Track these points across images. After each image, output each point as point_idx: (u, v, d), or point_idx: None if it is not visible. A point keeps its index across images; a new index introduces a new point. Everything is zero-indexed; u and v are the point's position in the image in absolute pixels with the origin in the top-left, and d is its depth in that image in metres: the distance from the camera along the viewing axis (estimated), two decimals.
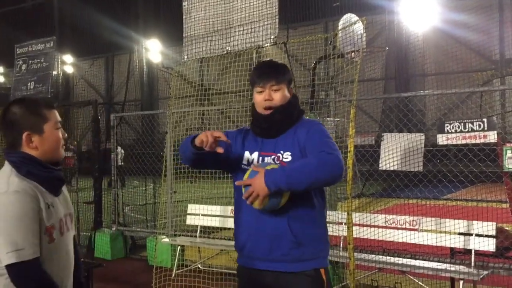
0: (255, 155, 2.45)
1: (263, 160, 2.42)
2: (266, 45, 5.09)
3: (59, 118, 2.20)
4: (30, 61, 8.24)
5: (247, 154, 2.47)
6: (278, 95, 2.44)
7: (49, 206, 2.06)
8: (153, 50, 22.52)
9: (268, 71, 2.47)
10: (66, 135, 2.26)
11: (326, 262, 2.42)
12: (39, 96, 7.88)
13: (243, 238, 2.43)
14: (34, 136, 2.10)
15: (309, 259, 2.34)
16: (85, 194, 9.16)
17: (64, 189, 2.28)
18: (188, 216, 6.73)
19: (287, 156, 2.36)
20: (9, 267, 1.94)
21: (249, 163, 2.44)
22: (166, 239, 6.54)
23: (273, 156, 2.40)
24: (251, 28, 5.17)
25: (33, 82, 8.05)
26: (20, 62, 8.38)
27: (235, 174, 2.52)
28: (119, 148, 8.48)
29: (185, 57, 5.69)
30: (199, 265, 6.36)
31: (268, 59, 2.95)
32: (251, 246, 2.39)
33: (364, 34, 5.24)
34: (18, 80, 8.39)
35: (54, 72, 8.44)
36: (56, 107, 2.37)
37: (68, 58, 25.51)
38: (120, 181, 11.03)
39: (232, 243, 6.56)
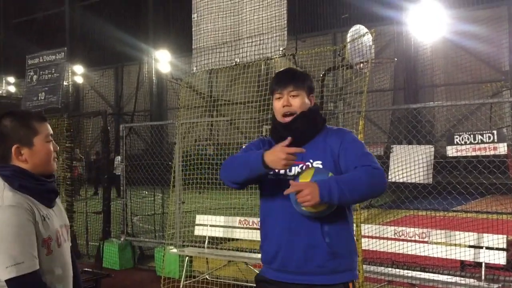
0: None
1: (290, 170, 2.32)
2: (275, 57, 5.11)
3: (50, 131, 2.18)
4: (41, 72, 8.33)
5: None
6: (297, 101, 2.38)
7: (44, 218, 2.05)
8: (162, 60, 22.68)
9: (286, 77, 2.44)
10: (58, 147, 2.24)
11: (357, 273, 2.43)
12: (49, 107, 7.96)
13: (273, 250, 2.34)
14: (24, 149, 2.09)
15: (344, 271, 2.31)
16: (93, 204, 9.19)
17: (58, 201, 2.28)
18: (196, 227, 6.73)
19: (317, 165, 2.30)
20: (9, 281, 1.93)
21: (276, 173, 2.34)
22: (174, 250, 6.53)
23: (301, 165, 2.32)
24: (260, 40, 5.20)
25: (44, 93, 8.12)
26: (31, 73, 8.47)
27: (262, 185, 2.46)
28: (118, 159, 8.51)
29: (194, 68, 5.73)
30: (207, 276, 6.34)
31: (287, 67, 2.92)
32: (283, 258, 2.31)
33: (373, 46, 5.25)
34: (29, 91, 8.47)
35: (65, 83, 8.52)
36: (64, 117, 2.39)
37: (79, 68, 25.78)
38: (117, 191, 11.07)
39: (240, 254, 6.56)
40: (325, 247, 2.25)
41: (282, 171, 2.33)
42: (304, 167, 2.32)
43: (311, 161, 2.32)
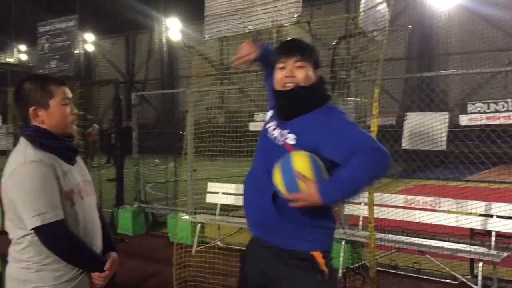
0: (272, 124, 2.31)
1: (273, 130, 2.27)
2: (289, 24, 5.04)
3: (68, 95, 2.27)
4: (52, 40, 8.33)
5: (269, 112, 2.41)
6: (301, 73, 2.21)
7: (65, 173, 2.17)
8: (173, 28, 22.51)
9: (293, 46, 2.29)
10: (77, 111, 2.33)
11: (322, 245, 2.21)
12: (61, 74, 7.99)
13: (244, 205, 2.39)
14: (41, 111, 2.20)
15: (295, 238, 2.17)
16: (106, 172, 9.31)
17: (80, 160, 2.38)
18: (208, 194, 6.80)
19: (292, 140, 2.17)
20: (36, 230, 2.06)
21: (264, 128, 2.35)
22: (187, 217, 6.64)
23: (281, 131, 2.23)
24: (274, 6, 5.12)
25: (55, 61, 8.14)
26: (43, 41, 8.47)
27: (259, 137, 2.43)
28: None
29: (207, 36, 5.68)
30: (218, 242, 6.45)
31: (294, 37, 2.83)
32: (247, 213, 2.38)
33: (388, 13, 5.15)
34: (41, 59, 8.50)
35: (76, 51, 8.52)
36: (76, 85, 2.47)
37: (89, 36, 25.70)
38: (112, 159, 11.09)
39: None
40: (272, 208, 2.16)
41: (270, 131, 2.30)
42: (279, 134, 2.23)
43: (287, 131, 2.20)
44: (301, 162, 2.06)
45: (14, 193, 2.08)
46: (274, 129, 2.28)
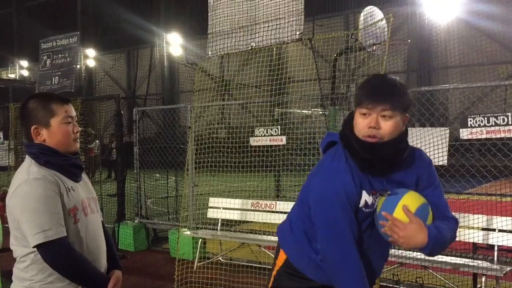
0: (367, 194, 2.01)
1: (374, 199, 2.02)
2: (291, 41, 5.09)
3: (71, 113, 2.26)
4: (54, 56, 8.39)
5: (364, 195, 2.01)
6: (388, 125, 1.93)
7: (69, 190, 2.17)
8: (174, 43, 22.64)
9: (382, 92, 1.94)
10: (79, 129, 2.33)
11: None
12: (63, 91, 8.03)
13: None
14: (42, 130, 2.21)
15: None
16: (107, 187, 9.31)
17: (85, 176, 2.39)
18: (209, 209, 6.80)
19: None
20: (38, 247, 2.06)
21: (368, 205, 2.02)
22: (188, 232, 6.62)
23: (378, 197, 2.05)
24: (277, 24, 5.16)
25: (57, 77, 8.19)
26: (45, 57, 8.53)
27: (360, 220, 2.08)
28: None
29: (210, 52, 5.72)
30: (220, 258, 6.42)
31: (383, 73, 2.53)
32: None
33: (388, 29, 5.21)
34: (43, 75, 8.55)
35: (78, 67, 8.58)
36: (77, 101, 2.48)
37: (91, 52, 25.85)
38: (114, 174, 11.03)
39: (253, 236, 6.61)
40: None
41: (370, 202, 2.04)
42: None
43: (394, 190, 2.04)
44: (412, 199, 2.00)
45: (18, 211, 2.08)
46: (374, 200, 2.04)
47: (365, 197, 2.00)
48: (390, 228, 1.95)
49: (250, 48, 5.33)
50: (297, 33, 4.99)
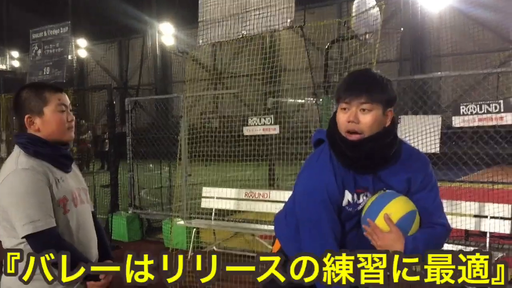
0: (351, 194, 2.01)
1: (358, 198, 2.01)
2: (282, 29, 5.07)
3: (64, 102, 2.24)
4: (45, 46, 8.31)
5: (347, 194, 2.01)
6: (367, 118, 1.90)
7: (58, 180, 2.16)
8: (166, 33, 22.49)
9: (360, 85, 1.92)
10: (74, 118, 2.31)
11: None
12: (54, 81, 7.97)
13: None
14: (36, 119, 2.19)
15: None
16: (101, 178, 9.28)
17: (75, 167, 2.37)
18: (203, 199, 6.80)
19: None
20: (27, 238, 2.05)
21: (349, 204, 2.02)
22: (182, 222, 6.62)
23: (368, 197, 2.04)
24: (268, 12, 5.14)
25: (48, 67, 8.12)
26: (36, 47, 8.45)
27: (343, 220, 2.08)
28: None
29: (200, 41, 5.69)
30: (214, 247, 6.44)
31: (364, 68, 2.48)
32: None
33: (380, 17, 5.19)
34: (34, 65, 8.47)
35: (69, 57, 8.51)
36: (69, 91, 2.46)
37: (82, 42, 25.63)
38: (106, 165, 10.94)
39: (247, 225, 6.63)
40: None
41: (351, 200, 2.03)
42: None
43: (384, 189, 2.02)
44: (397, 207, 1.98)
45: (6, 201, 2.07)
46: (358, 198, 2.03)
47: (348, 196, 2.00)
48: (370, 234, 1.98)
49: (241, 36, 5.31)
50: (288, 20, 4.97)
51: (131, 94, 21.56)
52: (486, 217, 4.82)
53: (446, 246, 4.92)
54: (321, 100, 5.89)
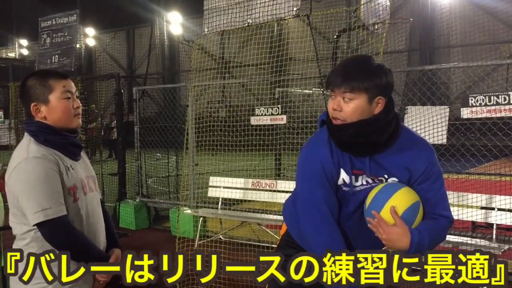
0: (347, 174, 2.04)
1: (356, 179, 2.04)
2: (288, 17, 5.04)
3: (70, 88, 2.24)
4: (54, 35, 8.33)
5: (343, 173, 2.04)
6: (350, 107, 1.93)
7: (68, 169, 2.17)
8: (174, 22, 22.44)
9: (344, 72, 1.95)
10: (80, 104, 2.31)
11: None
12: (62, 70, 8.00)
13: None
14: (42, 107, 2.19)
15: None
16: (108, 166, 9.34)
17: (84, 155, 2.38)
18: (209, 188, 6.83)
19: (393, 181, 2.05)
20: (38, 226, 2.07)
21: (346, 184, 2.06)
22: (189, 211, 6.66)
23: (371, 178, 2.05)
24: (273, 0, 5.11)
25: (57, 56, 8.15)
26: (45, 36, 8.47)
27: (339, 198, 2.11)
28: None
29: (206, 29, 5.67)
30: (220, 236, 6.48)
31: (356, 55, 2.46)
32: None
33: (389, 6, 5.15)
34: (43, 54, 8.50)
35: (77, 46, 8.52)
36: (77, 80, 2.46)
37: (90, 30, 25.64)
38: (114, 154, 10.92)
39: (253, 215, 6.65)
40: None
41: (347, 181, 2.06)
42: (376, 180, 2.05)
43: (385, 176, 2.04)
44: (402, 199, 1.98)
45: (17, 189, 2.09)
46: (356, 179, 2.05)
47: (343, 175, 2.04)
48: (375, 227, 1.99)
49: (246, 24, 5.28)
50: (294, 9, 4.93)
51: (139, 83, 21.60)
52: (493, 209, 4.81)
53: (453, 238, 4.92)
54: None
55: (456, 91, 15.45)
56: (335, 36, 6.21)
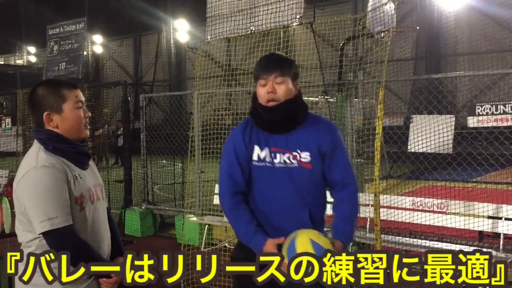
0: (267, 152, 2.40)
1: (275, 156, 2.38)
2: (291, 25, 5.04)
3: (81, 98, 2.28)
4: (61, 42, 8.39)
5: (257, 150, 2.42)
6: (282, 88, 2.36)
7: (76, 178, 2.18)
8: (180, 30, 22.57)
9: (272, 63, 2.40)
10: (89, 114, 2.34)
11: None
12: (70, 77, 8.05)
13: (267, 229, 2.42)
14: (54, 116, 2.21)
15: None
16: (114, 173, 9.36)
17: (92, 163, 2.40)
18: (215, 196, 6.82)
19: (305, 157, 2.37)
20: (44, 234, 2.07)
21: (261, 159, 2.40)
22: (194, 218, 6.65)
23: (287, 155, 2.38)
24: (276, 7, 5.12)
25: (64, 63, 8.21)
26: (52, 43, 8.54)
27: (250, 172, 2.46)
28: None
29: (209, 37, 5.68)
30: (226, 244, 6.46)
31: (272, 53, 3.04)
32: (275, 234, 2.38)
33: (395, 14, 5.15)
34: (50, 61, 8.57)
35: (85, 53, 8.59)
36: (84, 87, 2.47)
37: (98, 38, 25.82)
38: (120, 160, 10.90)
39: None
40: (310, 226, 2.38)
41: (267, 158, 2.40)
42: (291, 157, 2.38)
43: (298, 151, 2.38)
44: (303, 245, 2.12)
45: (25, 197, 2.10)
46: (274, 156, 2.40)
47: (258, 151, 2.41)
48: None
49: (249, 32, 5.29)
50: (297, 16, 4.94)
51: (146, 90, 21.69)
52: (501, 218, 4.77)
53: (458, 247, 4.88)
54: (334, 98, 5.87)
55: (462, 99, 15.40)
56: (341, 44, 6.21)
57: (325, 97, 6.04)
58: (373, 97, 5.40)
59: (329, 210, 2.55)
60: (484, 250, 4.60)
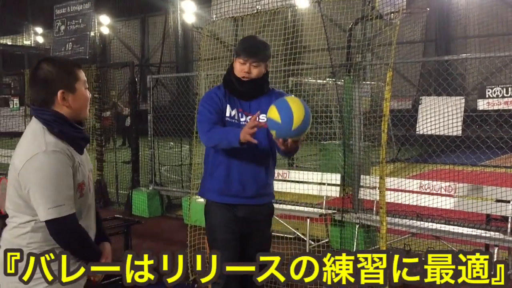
0: (235, 111, 3.00)
1: (241, 116, 3.00)
2: (298, 4, 4.96)
3: (85, 78, 2.25)
4: (68, 22, 8.36)
5: (228, 108, 3.00)
6: (256, 71, 2.96)
7: (80, 164, 2.14)
8: (187, 11, 22.39)
9: (252, 50, 2.94)
10: (90, 95, 2.30)
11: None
12: (77, 57, 8.02)
13: (228, 180, 2.99)
14: (68, 95, 2.14)
15: (269, 194, 3.19)
16: (122, 154, 9.40)
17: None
18: None
19: (263, 118, 2.84)
20: (49, 222, 2.03)
21: (231, 117, 2.99)
22: (201, 200, 6.67)
23: (250, 116, 2.94)
24: None
25: (71, 43, 8.19)
26: (59, 23, 8.50)
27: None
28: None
29: (214, 16, 5.61)
30: None
31: (253, 35, 3.44)
32: (238, 187, 2.98)
33: None
34: (57, 41, 8.54)
35: (91, 33, 8.55)
36: (92, 68, 2.45)
37: (105, 18, 25.69)
38: (127, 142, 10.87)
39: None
40: (264, 179, 3.06)
41: (236, 117, 3.00)
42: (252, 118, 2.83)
43: (258, 112, 2.81)
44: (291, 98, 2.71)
45: (32, 180, 2.02)
46: (242, 116, 3.00)
47: (229, 110, 2.99)
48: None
49: (255, 11, 5.21)
50: None
51: (153, 72, 21.63)
52: (509, 201, 4.74)
53: (467, 231, 4.87)
54: (342, 80, 5.82)
55: (472, 82, 15.24)
56: (349, 25, 6.13)
57: (333, 79, 5.99)
58: (381, 78, 5.34)
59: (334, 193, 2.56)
60: (493, 234, 4.58)
